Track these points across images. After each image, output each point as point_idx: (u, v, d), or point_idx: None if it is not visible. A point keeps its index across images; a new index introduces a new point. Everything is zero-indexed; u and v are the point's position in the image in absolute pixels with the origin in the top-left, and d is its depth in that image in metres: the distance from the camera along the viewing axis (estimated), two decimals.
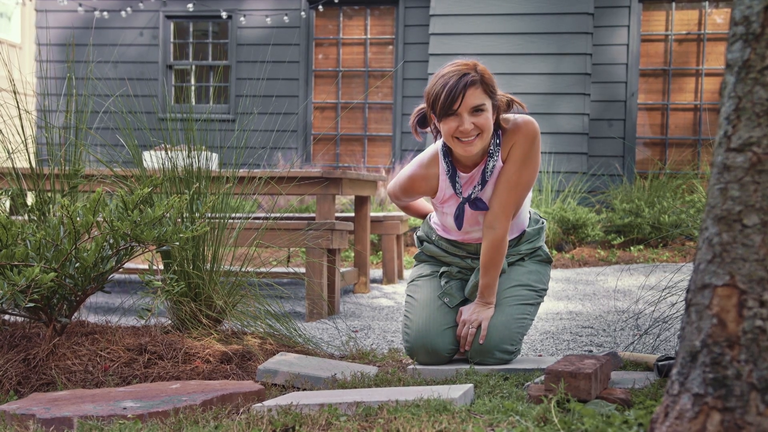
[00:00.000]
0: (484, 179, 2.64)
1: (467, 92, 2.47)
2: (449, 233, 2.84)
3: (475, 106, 2.49)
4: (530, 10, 7.89)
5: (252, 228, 3.62)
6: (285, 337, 3.04)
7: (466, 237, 2.81)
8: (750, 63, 1.45)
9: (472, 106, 2.49)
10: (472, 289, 2.76)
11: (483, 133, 2.53)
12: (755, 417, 1.36)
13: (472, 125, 2.50)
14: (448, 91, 2.47)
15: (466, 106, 2.48)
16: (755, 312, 1.39)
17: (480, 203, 2.66)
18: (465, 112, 2.49)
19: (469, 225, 2.74)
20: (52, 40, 9.27)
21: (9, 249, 2.39)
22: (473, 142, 2.53)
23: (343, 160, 9.11)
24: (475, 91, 2.48)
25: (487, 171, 2.63)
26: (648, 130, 8.36)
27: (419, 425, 1.77)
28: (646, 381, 2.30)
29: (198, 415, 2.01)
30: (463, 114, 2.49)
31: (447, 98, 2.47)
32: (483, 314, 2.67)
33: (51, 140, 3.18)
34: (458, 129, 2.51)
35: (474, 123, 2.50)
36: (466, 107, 2.49)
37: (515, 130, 2.61)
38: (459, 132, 2.51)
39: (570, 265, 6.39)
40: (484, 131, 2.52)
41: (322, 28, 9.14)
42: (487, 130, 2.53)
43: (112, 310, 4.29)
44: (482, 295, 2.70)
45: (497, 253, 2.66)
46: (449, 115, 2.50)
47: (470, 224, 2.74)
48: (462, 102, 2.47)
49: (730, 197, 1.45)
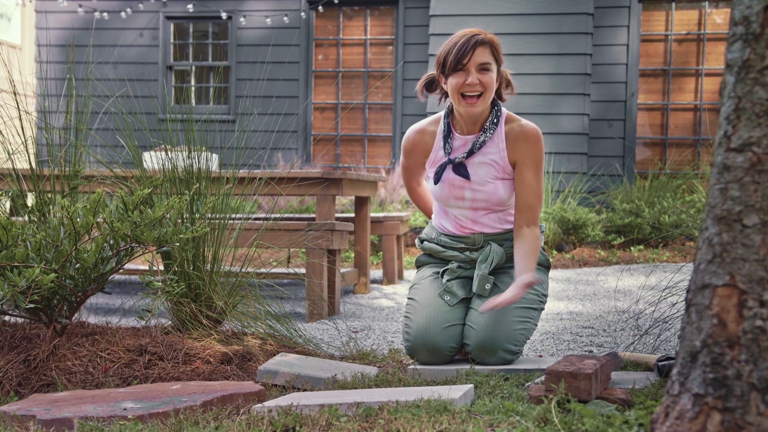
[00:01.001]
0: (472, 150, 2.78)
1: (477, 49, 2.67)
2: (443, 222, 2.90)
3: (482, 63, 2.68)
4: (530, 10, 7.90)
5: (252, 229, 3.61)
6: (285, 337, 3.04)
7: (461, 225, 2.86)
8: (750, 63, 1.45)
9: (479, 63, 2.68)
10: (479, 283, 2.77)
11: (486, 93, 2.70)
12: (755, 417, 1.36)
13: (477, 81, 2.67)
14: (460, 47, 2.67)
15: (475, 62, 2.67)
16: (755, 312, 1.39)
17: (462, 169, 2.79)
18: (473, 68, 2.68)
19: (450, 190, 2.81)
20: (52, 41, 9.27)
21: (9, 250, 2.39)
22: (476, 101, 2.70)
23: (343, 161, 9.11)
24: (483, 50, 2.69)
25: (477, 143, 2.78)
26: (648, 130, 8.36)
27: (419, 426, 1.77)
28: (646, 381, 2.30)
29: (198, 416, 2.01)
30: (471, 69, 2.68)
31: (458, 53, 2.67)
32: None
33: (51, 141, 3.18)
34: (465, 83, 2.68)
35: (480, 80, 2.68)
36: (475, 63, 2.67)
37: (526, 134, 2.78)
38: (465, 86, 2.68)
39: (570, 265, 6.39)
40: (487, 90, 2.70)
41: (322, 29, 9.15)
42: (490, 90, 2.70)
43: (113, 311, 4.29)
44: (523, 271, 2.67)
45: (535, 245, 2.74)
46: (458, 70, 2.68)
47: (452, 190, 2.81)
48: (471, 57, 2.67)
49: (730, 197, 1.45)
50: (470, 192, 2.80)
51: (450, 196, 2.83)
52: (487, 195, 2.79)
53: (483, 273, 2.77)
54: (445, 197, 2.85)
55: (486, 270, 2.77)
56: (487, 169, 2.78)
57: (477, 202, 2.81)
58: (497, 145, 2.78)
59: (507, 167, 2.78)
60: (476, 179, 2.79)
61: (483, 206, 2.82)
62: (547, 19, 7.88)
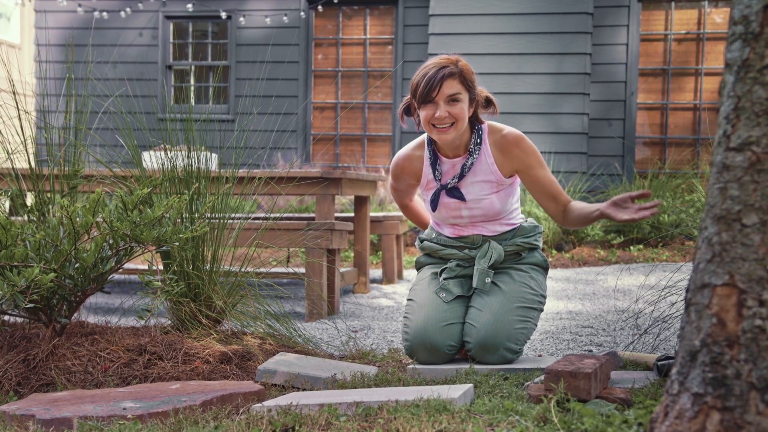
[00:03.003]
0: (462, 173, 2.80)
1: (444, 82, 2.67)
2: (442, 228, 2.93)
3: (451, 95, 2.68)
4: (530, 9, 7.89)
5: (251, 228, 3.61)
6: (285, 337, 3.04)
7: (459, 230, 2.88)
8: (749, 62, 1.45)
9: (448, 95, 2.68)
10: (479, 277, 2.78)
11: (457, 123, 2.71)
12: (755, 416, 1.36)
13: (446, 113, 2.68)
14: (428, 80, 2.67)
15: (443, 95, 2.68)
16: (755, 311, 1.39)
17: (456, 192, 2.81)
18: (441, 101, 2.68)
19: (448, 212, 2.85)
20: (52, 40, 9.27)
21: (9, 250, 2.39)
22: (447, 130, 2.71)
23: (343, 160, 9.11)
24: (452, 82, 2.68)
25: (466, 167, 2.80)
26: (647, 129, 8.36)
27: (419, 425, 1.77)
28: (645, 380, 2.30)
29: (198, 416, 2.01)
30: (439, 102, 2.68)
31: (426, 87, 2.67)
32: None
33: (50, 141, 3.18)
34: (434, 116, 2.69)
35: (449, 111, 2.68)
36: (443, 95, 2.68)
37: (510, 142, 2.78)
38: (434, 119, 2.69)
39: (570, 264, 6.39)
40: (458, 120, 2.70)
41: (322, 28, 9.14)
42: (461, 120, 2.71)
43: (112, 310, 4.29)
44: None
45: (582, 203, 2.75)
46: (427, 102, 2.69)
47: (449, 211, 2.85)
48: (439, 91, 2.67)
49: (729, 197, 1.45)
50: (467, 210, 2.84)
51: (448, 216, 2.87)
52: (484, 210, 2.83)
53: (483, 267, 2.79)
54: (443, 217, 2.89)
55: (485, 265, 2.79)
56: (481, 187, 2.81)
57: (475, 218, 2.86)
58: (486, 162, 2.79)
59: (501, 179, 2.80)
60: (472, 198, 2.82)
61: (481, 220, 2.87)
62: (547, 19, 7.88)
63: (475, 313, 2.74)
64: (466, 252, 2.87)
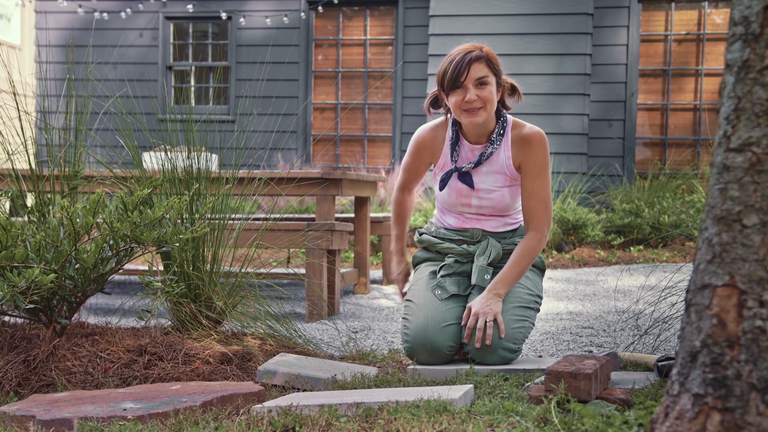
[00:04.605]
0: (480, 160, 2.82)
1: (472, 66, 2.71)
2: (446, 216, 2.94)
3: (479, 78, 2.71)
4: (530, 10, 7.90)
5: (252, 229, 3.61)
6: (285, 337, 3.04)
7: (463, 222, 2.90)
8: (749, 63, 1.45)
9: (476, 78, 2.71)
10: (479, 274, 2.79)
11: (487, 105, 2.73)
12: (755, 417, 1.36)
13: (476, 96, 2.71)
14: (455, 66, 2.71)
15: (471, 78, 2.71)
16: (755, 312, 1.39)
17: (468, 179, 2.83)
18: (470, 84, 2.71)
19: (458, 197, 2.86)
20: (52, 41, 9.27)
21: (9, 250, 2.39)
22: (478, 112, 2.73)
23: (343, 161, 9.11)
24: (479, 65, 2.72)
25: (484, 155, 2.81)
26: (648, 130, 8.36)
27: (419, 426, 1.77)
28: (646, 381, 2.30)
29: (198, 416, 2.01)
30: (468, 86, 2.72)
31: (454, 72, 2.71)
32: (496, 307, 2.69)
33: (51, 141, 3.18)
34: (464, 100, 2.71)
35: (478, 95, 2.71)
36: (471, 79, 2.71)
37: (530, 138, 2.80)
38: (465, 103, 2.72)
39: (570, 265, 6.39)
40: (488, 103, 2.73)
41: (322, 29, 9.15)
42: (491, 102, 2.73)
43: (112, 311, 4.29)
44: (496, 286, 2.73)
45: (532, 252, 2.78)
46: (456, 88, 2.72)
47: (459, 197, 2.86)
48: (468, 74, 2.70)
49: (729, 197, 1.45)
50: (477, 200, 2.86)
51: (456, 203, 2.88)
52: (494, 202, 2.85)
53: (482, 264, 2.80)
54: (451, 203, 2.89)
55: (485, 262, 2.80)
56: (494, 178, 2.83)
57: (483, 208, 2.87)
58: (504, 154, 2.82)
59: (514, 174, 2.83)
60: (483, 187, 2.83)
61: (488, 212, 2.88)
62: (547, 20, 7.88)
63: None
64: (464, 247, 2.88)
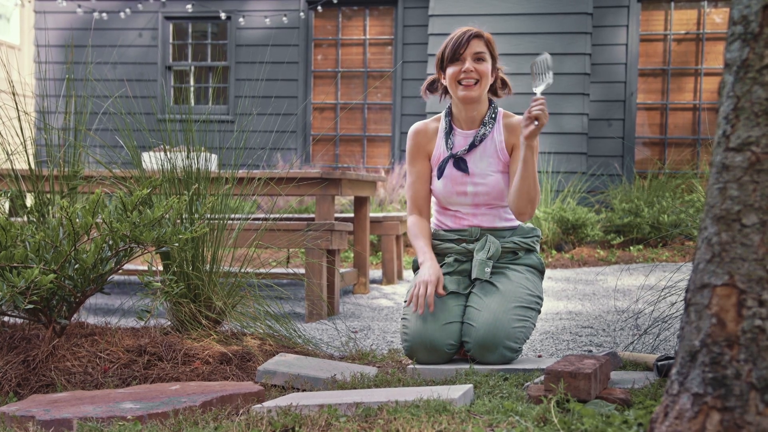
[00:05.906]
0: (473, 144, 2.91)
1: (471, 41, 2.88)
2: (443, 217, 2.96)
3: (477, 53, 2.87)
4: (529, 10, 7.90)
5: (251, 229, 3.61)
6: (284, 337, 3.04)
7: (460, 220, 2.92)
8: (748, 62, 1.45)
9: (474, 52, 2.87)
10: (479, 267, 2.80)
11: (482, 80, 2.87)
12: (754, 416, 1.36)
13: (473, 68, 2.86)
14: (456, 39, 2.88)
15: (470, 52, 2.87)
16: (754, 311, 1.39)
17: (463, 165, 2.89)
18: (469, 57, 2.87)
19: (453, 185, 2.90)
20: (51, 41, 9.27)
21: (8, 250, 2.39)
22: (473, 87, 2.86)
23: (343, 161, 9.11)
24: (478, 41, 2.89)
25: (477, 137, 2.91)
26: (647, 129, 8.36)
27: (419, 426, 1.77)
28: (645, 381, 2.30)
29: (198, 417, 2.01)
30: (467, 58, 2.87)
31: (455, 45, 2.87)
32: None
33: (50, 142, 3.18)
34: (461, 71, 2.85)
35: (475, 68, 2.86)
36: (470, 52, 2.87)
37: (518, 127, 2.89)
38: (462, 73, 2.85)
39: (569, 265, 6.39)
40: (483, 78, 2.87)
41: (321, 29, 9.14)
42: (486, 78, 2.88)
43: (112, 311, 4.29)
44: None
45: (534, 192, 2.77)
46: (455, 60, 2.87)
47: (455, 185, 2.90)
48: (467, 48, 2.86)
49: (729, 197, 1.45)
50: (472, 186, 2.89)
51: (452, 192, 2.90)
52: (489, 188, 2.87)
53: (482, 258, 2.81)
54: (447, 193, 2.91)
55: (484, 256, 2.81)
56: (488, 162, 2.89)
57: (478, 196, 2.88)
58: (496, 138, 2.92)
59: (507, 158, 2.90)
60: (478, 172, 2.89)
61: (484, 201, 2.89)
62: (547, 19, 7.88)
63: (473, 313, 2.74)
64: (463, 246, 2.89)
